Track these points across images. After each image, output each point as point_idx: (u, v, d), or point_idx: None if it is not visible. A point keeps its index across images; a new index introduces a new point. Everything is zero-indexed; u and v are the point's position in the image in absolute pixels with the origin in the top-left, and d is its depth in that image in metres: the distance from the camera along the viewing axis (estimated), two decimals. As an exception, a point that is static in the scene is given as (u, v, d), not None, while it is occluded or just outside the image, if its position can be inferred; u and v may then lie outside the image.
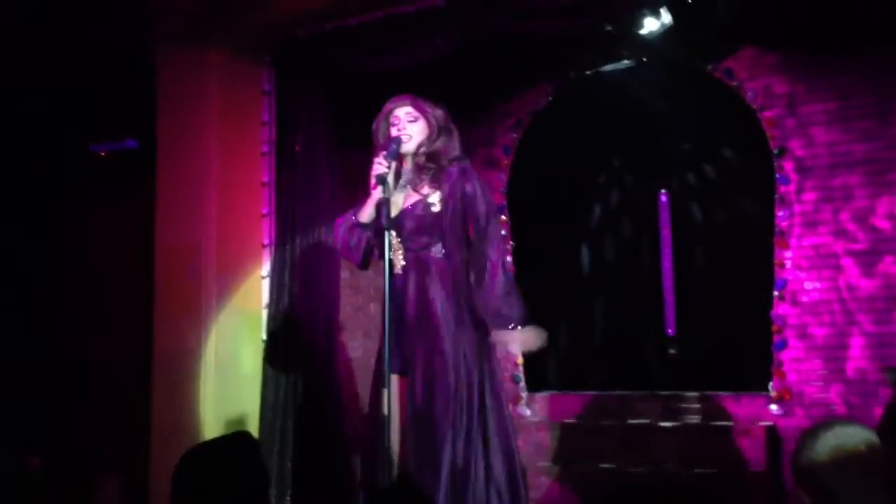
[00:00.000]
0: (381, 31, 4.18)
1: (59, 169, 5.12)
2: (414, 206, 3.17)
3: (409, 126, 3.19)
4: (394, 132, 3.19)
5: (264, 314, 4.55)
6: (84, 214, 5.09)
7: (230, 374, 4.44)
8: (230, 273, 4.49)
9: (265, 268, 4.62)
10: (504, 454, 3.08)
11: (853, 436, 1.65)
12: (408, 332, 3.08)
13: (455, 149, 3.23)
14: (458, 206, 3.13)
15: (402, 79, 3.95)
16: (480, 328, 3.13)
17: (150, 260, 4.54)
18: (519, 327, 3.09)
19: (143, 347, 4.54)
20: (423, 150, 3.20)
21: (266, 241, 4.64)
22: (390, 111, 3.23)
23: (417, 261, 3.13)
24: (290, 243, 4.52)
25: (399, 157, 3.21)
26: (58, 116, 4.97)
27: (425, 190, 3.17)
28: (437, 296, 3.08)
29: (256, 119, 4.64)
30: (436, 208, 3.14)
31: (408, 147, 3.20)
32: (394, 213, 3.15)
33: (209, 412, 4.33)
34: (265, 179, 4.65)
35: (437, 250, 3.14)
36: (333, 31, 4.33)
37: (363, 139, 3.42)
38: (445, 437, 2.96)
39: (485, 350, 3.15)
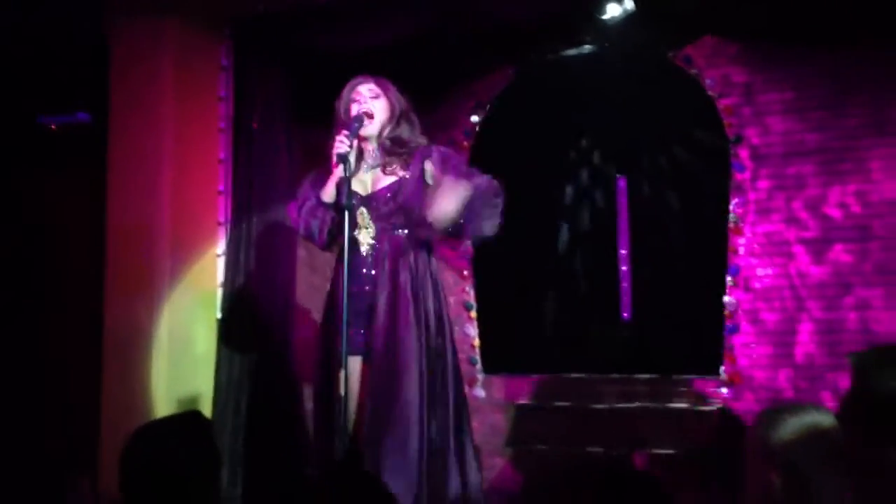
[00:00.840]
0: (341, 6, 4.12)
1: (7, 142, 4.97)
2: (389, 187, 3.16)
3: (372, 102, 3.20)
4: (355, 108, 3.18)
5: (219, 293, 4.49)
6: (33, 189, 4.96)
7: (183, 353, 4.38)
8: (184, 251, 4.41)
9: (220, 246, 4.54)
10: (462, 431, 3.11)
11: (826, 419, 1.67)
12: (376, 311, 3.07)
13: (418, 136, 3.24)
14: (423, 183, 3.14)
15: (363, 58, 3.92)
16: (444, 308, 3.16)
17: (101, 237, 4.44)
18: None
19: (93, 327, 4.46)
20: (386, 133, 3.20)
21: (221, 219, 4.55)
22: (352, 88, 3.22)
23: (391, 241, 3.13)
24: (246, 221, 4.45)
25: (360, 137, 3.20)
26: (6, 87, 4.82)
27: (400, 172, 3.17)
28: (409, 276, 3.08)
29: (213, 94, 4.54)
30: (410, 189, 3.14)
31: (370, 129, 3.20)
32: (363, 192, 3.15)
33: (162, 392, 4.26)
34: (222, 156, 4.57)
35: (411, 230, 3.14)
36: (294, 6, 4.26)
37: (322, 117, 3.40)
38: (413, 416, 2.97)
39: (448, 328, 3.18)
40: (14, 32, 4.57)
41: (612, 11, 4.19)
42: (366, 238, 3.14)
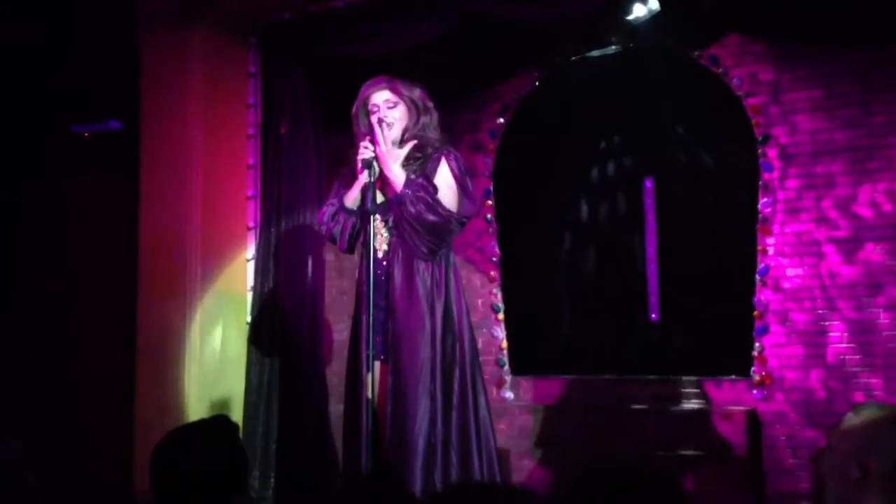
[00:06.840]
0: (367, 13, 4.16)
1: (42, 150, 5.08)
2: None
3: (389, 112, 3.17)
4: (373, 120, 3.18)
5: (249, 297, 4.55)
6: (67, 196, 5.06)
7: (215, 356, 4.45)
8: (215, 256, 4.48)
9: (250, 250, 4.61)
10: (483, 433, 3.12)
11: None
12: (391, 316, 3.10)
13: (436, 128, 3.23)
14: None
15: (389, 62, 3.94)
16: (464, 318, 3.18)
17: (134, 242, 4.53)
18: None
19: (127, 330, 4.54)
20: (408, 134, 3.20)
21: (251, 224, 4.63)
22: (367, 98, 3.20)
23: (404, 245, 3.14)
24: (275, 226, 4.51)
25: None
26: (41, 97, 4.93)
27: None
28: (423, 280, 3.10)
29: (242, 101, 4.62)
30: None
31: (392, 134, 3.20)
32: (381, 198, 3.16)
33: (193, 395, 4.33)
34: (251, 162, 4.64)
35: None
36: (319, 13, 4.32)
37: (349, 123, 3.42)
38: (423, 417, 3.00)
39: (468, 331, 3.19)
40: (48, 44, 4.68)
41: (637, 12, 4.17)
42: (381, 244, 3.16)
